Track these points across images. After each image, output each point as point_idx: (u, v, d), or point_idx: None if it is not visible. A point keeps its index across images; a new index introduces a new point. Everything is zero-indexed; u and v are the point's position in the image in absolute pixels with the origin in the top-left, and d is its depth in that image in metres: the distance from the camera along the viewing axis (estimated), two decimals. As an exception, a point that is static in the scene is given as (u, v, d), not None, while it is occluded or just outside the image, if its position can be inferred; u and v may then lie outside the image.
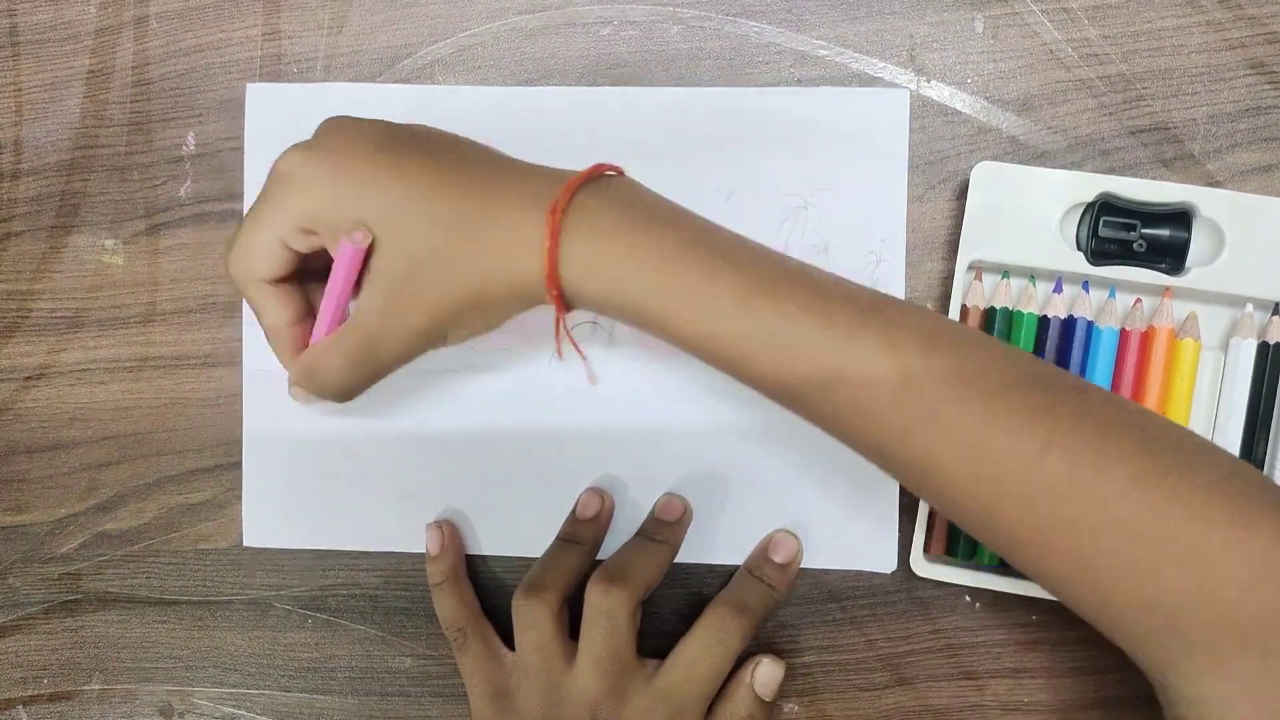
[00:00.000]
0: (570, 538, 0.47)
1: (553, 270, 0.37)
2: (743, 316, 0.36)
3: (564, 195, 0.37)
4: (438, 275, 0.38)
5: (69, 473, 0.51)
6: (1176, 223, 0.44)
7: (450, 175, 0.39)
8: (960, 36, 0.47)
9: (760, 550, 0.48)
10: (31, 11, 0.50)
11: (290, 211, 0.39)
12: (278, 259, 0.40)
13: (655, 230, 0.37)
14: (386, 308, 0.39)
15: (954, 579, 0.46)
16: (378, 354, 0.40)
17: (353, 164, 0.39)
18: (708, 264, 0.36)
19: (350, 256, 0.38)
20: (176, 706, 0.51)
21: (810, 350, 0.35)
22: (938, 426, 0.35)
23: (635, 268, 0.37)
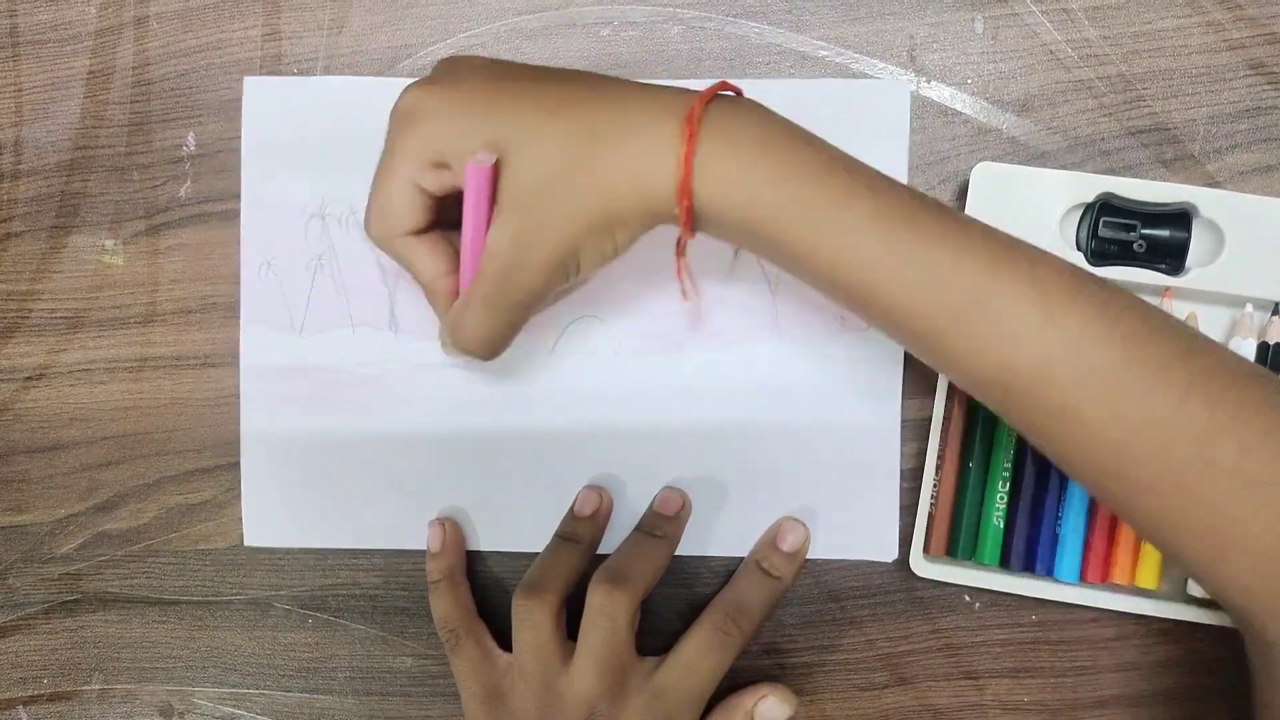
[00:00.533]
0: (569, 536, 0.47)
1: (686, 180, 0.36)
2: (878, 241, 0.35)
3: (699, 103, 0.36)
4: (568, 193, 0.37)
5: (69, 473, 0.51)
6: (1176, 223, 0.44)
7: (574, 92, 0.38)
8: (960, 37, 0.47)
9: (768, 539, 0.48)
10: (31, 11, 0.50)
11: (416, 148, 0.38)
12: (415, 205, 0.40)
13: (794, 147, 0.36)
14: (518, 237, 0.38)
15: (954, 579, 0.46)
16: (514, 291, 0.39)
17: (473, 91, 0.38)
18: (846, 184, 0.35)
19: (478, 180, 0.37)
20: (176, 706, 0.51)
21: (949, 278, 0.34)
22: (1082, 365, 0.34)
23: (771, 182, 0.35)
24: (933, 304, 0.35)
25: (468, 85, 0.39)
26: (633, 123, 0.37)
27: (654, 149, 0.36)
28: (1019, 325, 0.34)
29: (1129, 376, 0.34)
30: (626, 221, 0.38)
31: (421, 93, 0.39)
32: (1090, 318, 0.34)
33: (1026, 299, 0.34)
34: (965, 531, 0.46)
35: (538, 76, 0.39)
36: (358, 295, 0.49)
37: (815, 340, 0.48)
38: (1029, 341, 0.34)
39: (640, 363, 0.48)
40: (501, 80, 0.39)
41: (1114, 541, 0.45)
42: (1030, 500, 0.45)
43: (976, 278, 0.34)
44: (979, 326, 0.35)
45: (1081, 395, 0.34)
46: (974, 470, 0.46)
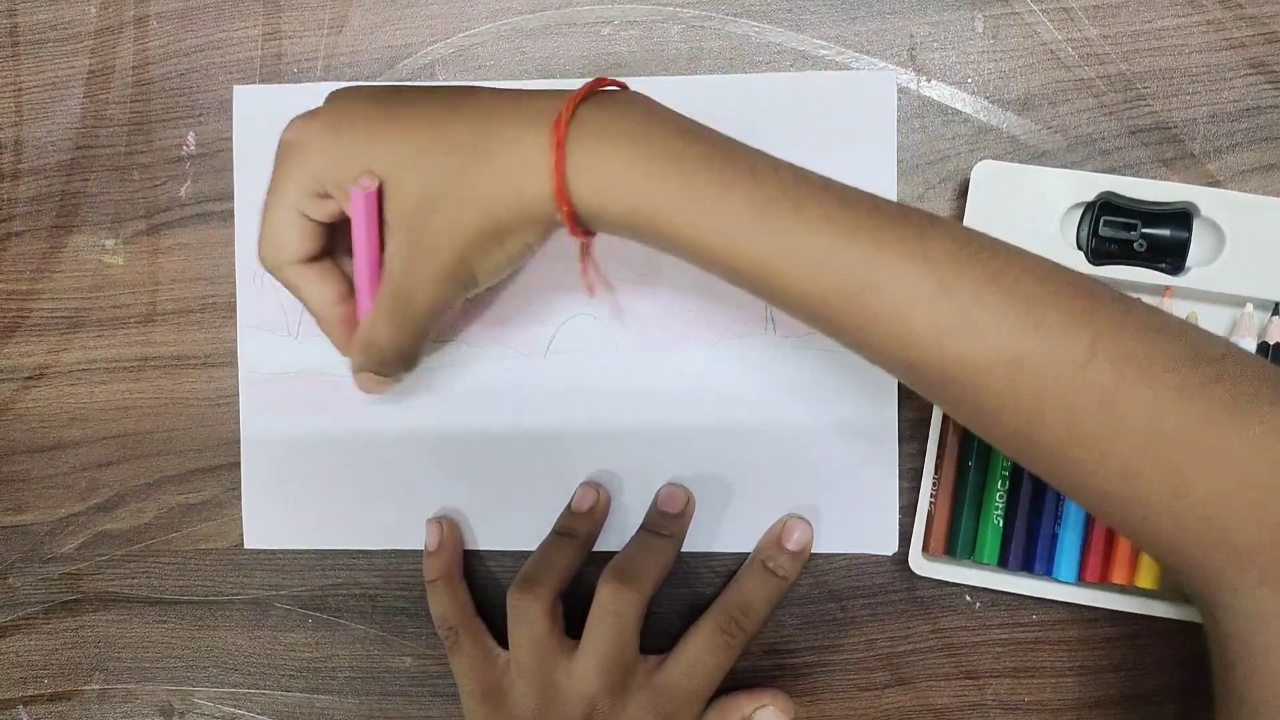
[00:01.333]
0: (565, 531, 0.47)
1: (560, 185, 0.36)
2: (764, 228, 0.35)
3: (567, 108, 0.36)
4: (448, 211, 0.37)
5: (69, 473, 0.51)
6: (1177, 222, 0.44)
7: (447, 112, 0.38)
8: (960, 36, 0.47)
9: (772, 537, 0.48)
10: (31, 11, 0.50)
11: (299, 178, 0.39)
12: (303, 234, 0.40)
13: (667, 139, 0.36)
14: (408, 257, 0.38)
15: (952, 577, 0.46)
16: (413, 305, 0.39)
17: (351, 120, 0.39)
18: (725, 173, 0.35)
19: (363, 206, 0.38)
20: (176, 706, 0.51)
21: (836, 261, 0.34)
22: (975, 336, 0.33)
23: (648, 178, 0.35)
24: (824, 286, 0.34)
25: (345, 115, 0.39)
26: (503, 136, 0.37)
27: (525, 160, 0.36)
28: (910, 298, 0.34)
29: (1027, 342, 0.33)
30: (512, 230, 0.38)
31: (302, 125, 0.40)
32: (982, 284, 0.33)
33: (916, 273, 0.33)
34: (964, 530, 0.46)
35: (413, 99, 0.39)
36: (353, 299, 0.49)
37: (810, 333, 0.48)
38: (921, 316, 0.34)
39: (637, 361, 0.48)
40: (377, 106, 0.39)
41: (1113, 542, 0.45)
42: (1029, 500, 0.45)
43: (864, 257, 0.34)
44: (871, 305, 0.34)
45: (979, 364, 0.33)
46: (973, 469, 0.45)
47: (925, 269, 0.33)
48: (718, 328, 0.48)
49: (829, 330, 0.36)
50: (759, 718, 0.45)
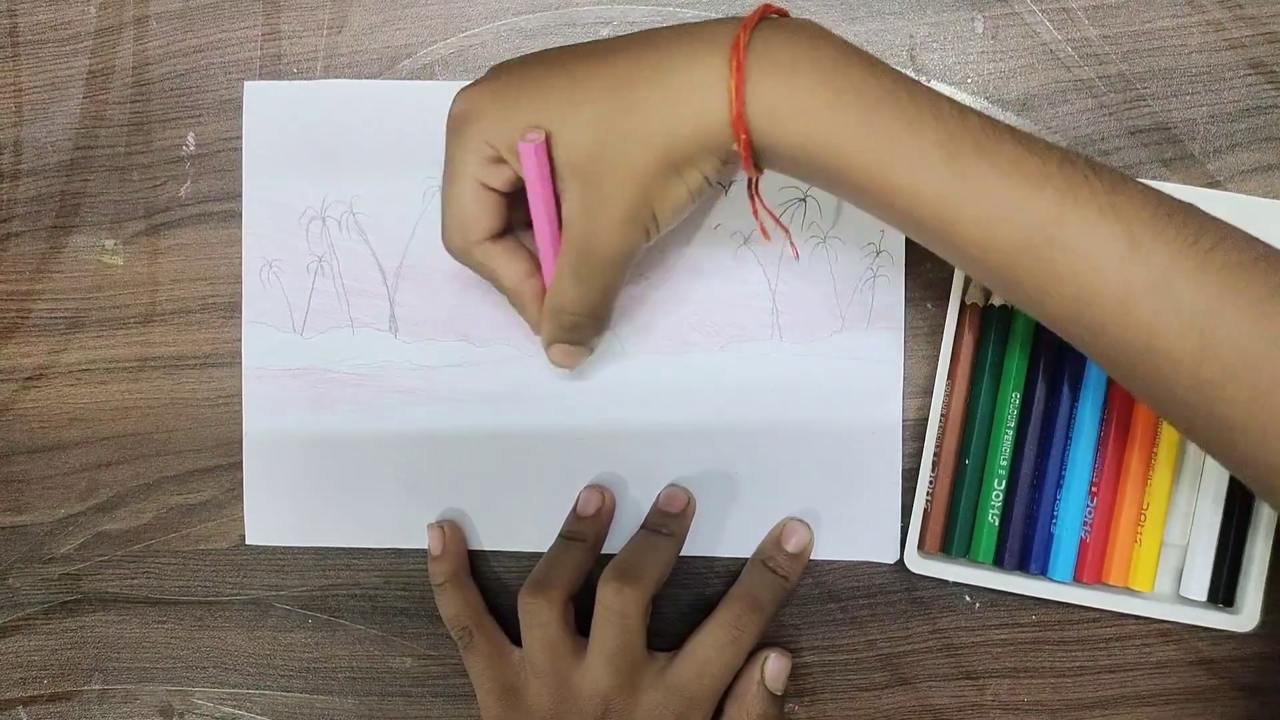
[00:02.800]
0: (573, 535, 0.47)
1: (739, 112, 0.34)
2: (949, 171, 0.33)
3: (744, 29, 0.35)
4: (623, 148, 0.36)
5: (69, 473, 0.51)
6: None
7: (609, 50, 0.37)
8: (960, 36, 0.47)
9: (772, 539, 0.48)
10: (31, 11, 0.50)
11: (474, 147, 0.39)
12: (486, 206, 0.40)
13: (852, 71, 0.34)
14: (586, 205, 0.37)
15: (949, 575, 0.46)
16: (597, 257, 0.38)
17: (514, 79, 0.38)
18: (910, 110, 0.34)
19: (532, 159, 0.37)
20: (176, 706, 0.51)
21: (1023, 209, 0.33)
22: (1168, 299, 0.32)
23: (831, 110, 0.34)
24: (1006, 237, 0.33)
25: (508, 75, 0.39)
26: (674, 61, 0.36)
27: (704, 84, 0.35)
28: (1098, 258, 0.32)
29: (1222, 314, 0.31)
30: (690, 161, 0.37)
31: (469, 93, 0.39)
32: (1179, 249, 0.32)
33: (1107, 230, 0.32)
34: (960, 528, 0.46)
35: (577, 50, 0.39)
36: (358, 297, 0.49)
37: (816, 340, 0.48)
38: (1110, 275, 0.32)
39: (641, 363, 0.48)
40: (539, 64, 0.39)
41: (1109, 543, 0.45)
42: (1026, 499, 0.45)
43: (1052, 209, 0.32)
44: (1056, 260, 0.33)
45: (1169, 332, 0.32)
46: (970, 467, 0.46)
47: (1117, 227, 0.32)
48: (723, 332, 0.48)
49: (1004, 286, 0.35)
50: (769, 669, 0.45)
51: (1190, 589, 0.45)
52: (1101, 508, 0.45)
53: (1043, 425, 0.45)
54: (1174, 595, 0.46)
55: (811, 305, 0.48)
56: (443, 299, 0.49)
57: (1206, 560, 0.45)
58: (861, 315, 0.48)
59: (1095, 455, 0.45)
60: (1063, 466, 0.45)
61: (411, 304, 0.49)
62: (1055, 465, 0.45)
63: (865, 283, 0.47)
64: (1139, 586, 0.45)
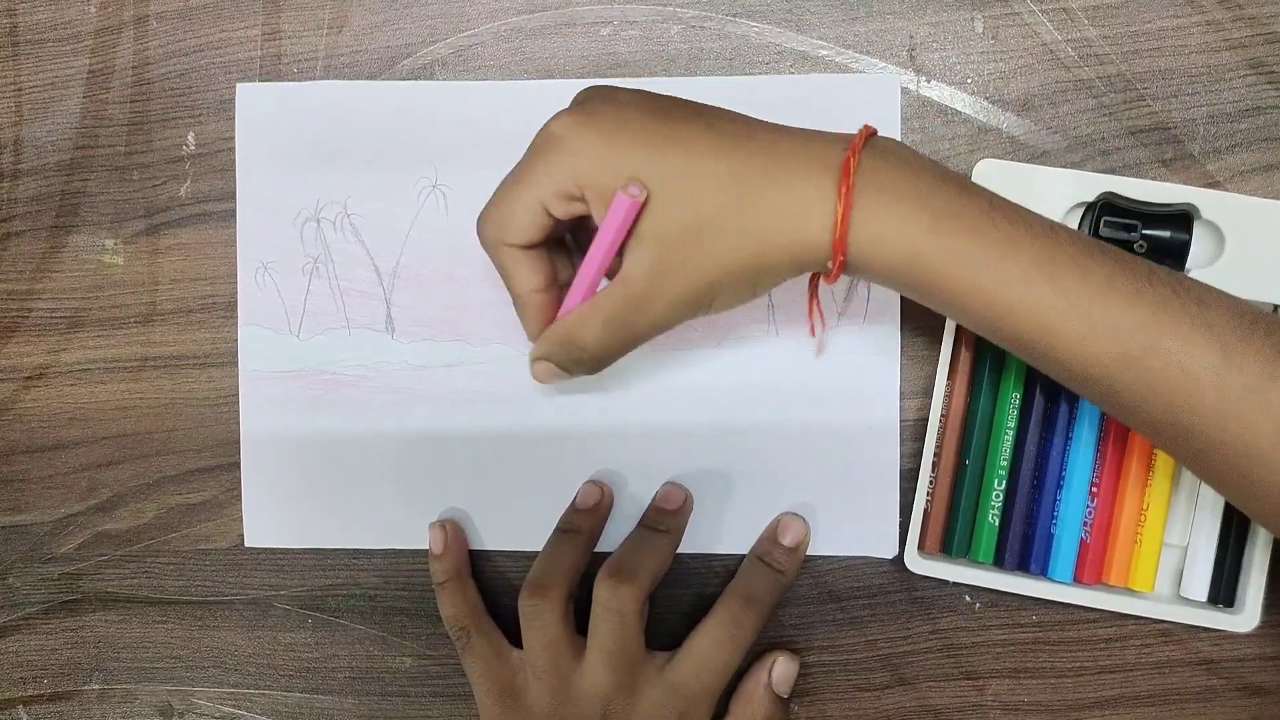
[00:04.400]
0: (569, 527, 0.47)
1: (843, 236, 0.35)
2: (1047, 287, 0.34)
3: (853, 154, 0.36)
4: (714, 239, 0.37)
5: (69, 473, 0.51)
6: (1177, 224, 0.44)
7: (728, 139, 0.38)
8: (960, 36, 0.47)
9: (769, 534, 0.48)
10: (31, 11, 0.50)
11: (559, 175, 0.38)
12: (535, 223, 0.40)
13: (948, 194, 0.36)
14: (655, 271, 0.38)
15: (949, 575, 0.46)
16: (640, 318, 0.39)
17: (625, 128, 0.38)
18: (1007, 231, 0.35)
19: (625, 212, 0.37)
20: (176, 706, 0.51)
21: (1119, 325, 0.34)
22: (1261, 404, 0.33)
23: (930, 234, 0.35)
24: (1103, 350, 0.35)
25: (620, 123, 0.38)
26: (788, 174, 0.36)
27: (809, 204, 0.36)
28: (1194, 368, 0.34)
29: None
30: (774, 270, 0.38)
31: (574, 122, 0.38)
32: (1268, 357, 0.34)
33: (1201, 341, 0.34)
34: (960, 528, 0.46)
35: (691, 115, 0.39)
36: (354, 298, 0.49)
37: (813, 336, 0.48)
38: (1205, 383, 0.34)
39: (639, 361, 0.48)
40: (654, 119, 0.38)
41: (1109, 544, 0.45)
42: (1026, 499, 0.45)
43: (1148, 322, 0.34)
44: (1153, 369, 0.34)
45: (1262, 432, 0.34)
46: (970, 467, 0.45)
47: (1209, 337, 0.34)
48: (721, 329, 0.48)
49: (1102, 395, 0.36)
50: (776, 672, 0.46)
51: (1190, 589, 0.45)
52: (1101, 508, 0.45)
53: (1043, 426, 0.45)
54: (1174, 596, 0.46)
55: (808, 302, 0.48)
56: (439, 299, 0.49)
57: (1207, 561, 0.45)
58: (858, 311, 0.48)
59: (1095, 456, 0.45)
60: (1063, 467, 0.45)
61: (408, 304, 0.49)
62: (1055, 466, 0.45)
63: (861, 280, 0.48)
64: (1139, 587, 0.45)
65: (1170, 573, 0.46)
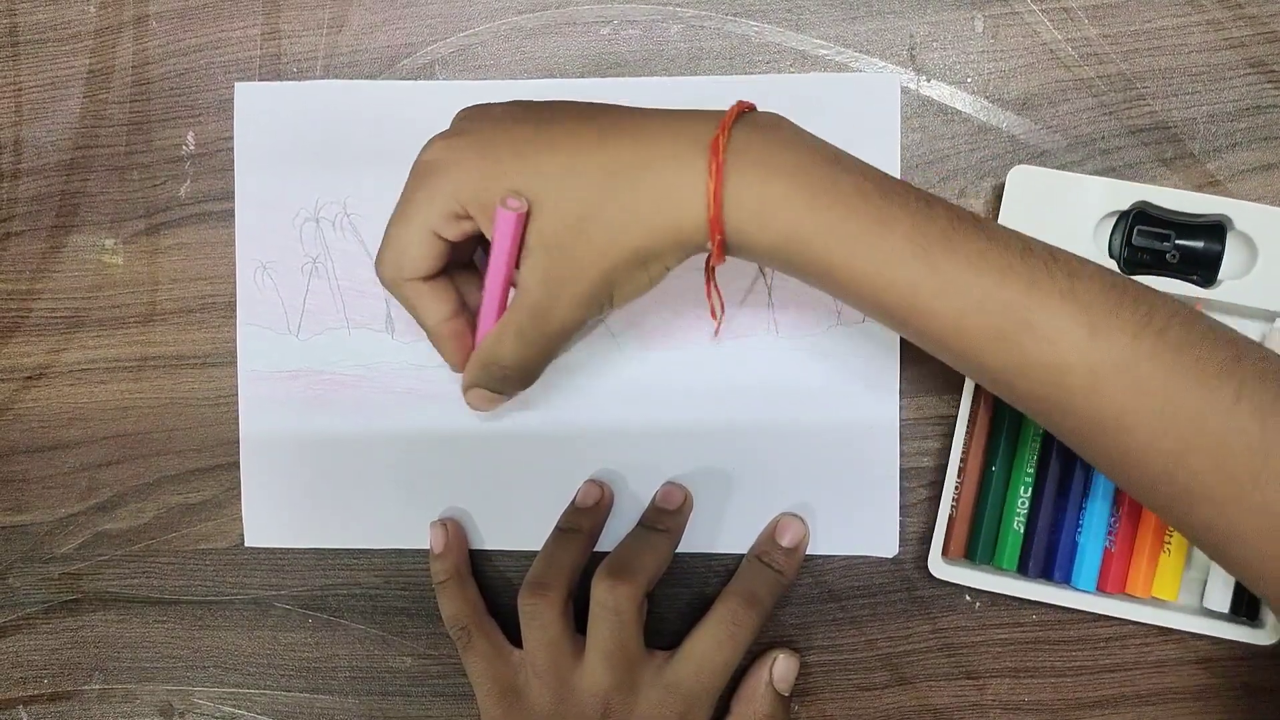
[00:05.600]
0: (569, 527, 0.47)
1: (717, 214, 0.35)
2: (920, 265, 0.34)
3: (722, 131, 0.35)
4: (597, 233, 0.37)
5: (69, 473, 0.51)
6: (1211, 235, 0.44)
7: (597, 132, 0.38)
8: (960, 36, 0.47)
9: (767, 535, 0.48)
10: (31, 11, 0.50)
11: (441, 199, 0.39)
12: (430, 253, 0.40)
13: (823, 169, 0.35)
14: (549, 277, 0.38)
15: (971, 582, 0.46)
16: (547, 325, 0.39)
17: (497, 140, 0.38)
18: (883, 208, 0.35)
19: (509, 226, 0.37)
20: (176, 706, 0.51)
21: (991, 300, 0.34)
22: (1129, 379, 0.33)
23: (808, 210, 0.35)
24: (976, 325, 0.35)
25: (491, 135, 0.39)
26: (658, 157, 0.36)
27: (683, 184, 0.36)
28: (1064, 343, 0.34)
29: (1179, 387, 0.33)
30: (659, 256, 0.38)
31: (446, 144, 0.39)
32: (1135, 331, 0.34)
33: (1070, 315, 0.34)
34: (985, 535, 0.45)
35: (559, 115, 0.39)
36: (353, 297, 0.49)
37: (812, 335, 0.48)
38: (1075, 358, 0.34)
39: (639, 360, 0.48)
40: (521, 126, 0.39)
41: (1132, 553, 0.45)
42: (1052, 507, 0.45)
43: (1018, 298, 0.34)
44: (1024, 345, 0.34)
45: (1131, 408, 0.34)
46: (997, 473, 0.45)
47: (1078, 312, 0.34)
48: (720, 329, 0.48)
49: (976, 370, 0.36)
50: (777, 669, 0.46)
51: (1213, 600, 0.45)
52: (1127, 518, 0.45)
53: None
54: (1195, 607, 0.45)
55: (807, 300, 0.48)
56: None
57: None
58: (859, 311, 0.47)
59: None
60: (1089, 476, 0.45)
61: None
62: (1081, 474, 0.45)
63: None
64: (1164, 595, 0.45)
65: (1192, 585, 0.46)
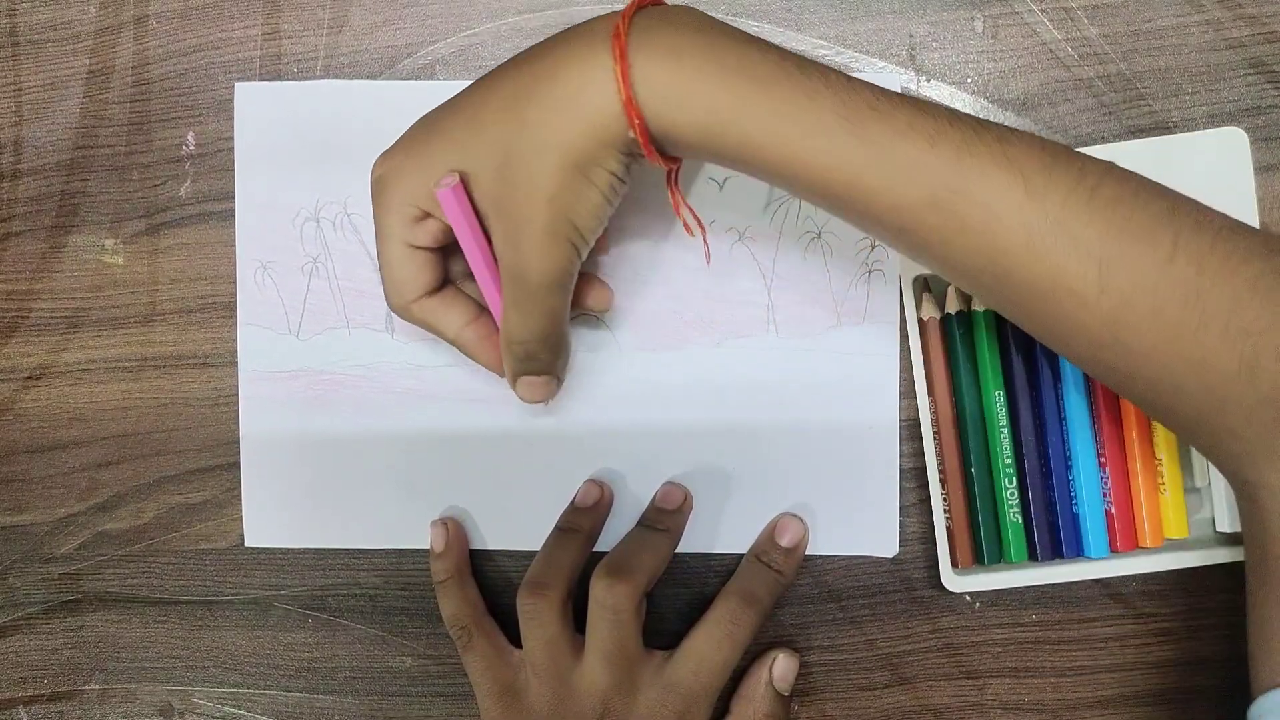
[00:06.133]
0: (569, 527, 0.47)
1: (629, 96, 0.34)
2: (849, 137, 0.34)
3: (623, 19, 0.35)
4: (524, 165, 0.36)
5: (69, 473, 0.51)
6: None
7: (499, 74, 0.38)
8: (960, 36, 0.47)
9: (767, 535, 0.48)
10: (31, 11, 0.50)
11: (396, 208, 0.39)
12: (419, 265, 0.40)
13: (738, 49, 0.35)
14: (506, 232, 0.38)
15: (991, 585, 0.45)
16: (531, 283, 0.38)
17: (422, 134, 0.39)
18: (803, 82, 0.34)
19: (454, 205, 0.37)
20: (176, 706, 0.51)
21: (924, 167, 0.34)
22: (1066, 237, 0.33)
23: (724, 89, 0.34)
24: (911, 194, 0.34)
25: (416, 134, 0.40)
26: (557, 67, 0.36)
27: (589, 79, 0.35)
28: (999, 205, 0.33)
29: (1115, 244, 0.33)
30: (594, 161, 0.37)
31: (384, 158, 0.40)
32: (1069, 189, 0.33)
33: (1003, 178, 0.33)
34: (986, 536, 0.45)
35: (469, 90, 0.39)
36: (353, 297, 0.49)
37: (812, 335, 0.48)
38: (1011, 220, 0.33)
39: (639, 360, 0.48)
40: (440, 113, 0.39)
41: (1132, 506, 0.45)
42: (1041, 489, 0.45)
43: (951, 163, 0.34)
44: (959, 211, 0.34)
45: (1069, 268, 0.34)
46: (977, 475, 0.45)
47: (1012, 174, 0.33)
48: (719, 328, 0.48)
49: (913, 245, 0.36)
50: (777, 669, 0.46)
51: (1224, 523, 0.44)
52: (1116, 475, 0.45)
53: (1034, 414, 0.45)
54: (1212, 537, 0.45)
55: (807, 301, 0.48)
56: (441, 299, 0.49)
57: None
58: (857, 309, 0.48)
59: (1093, 426, 0.45)
60: (1066, 447, 0.45)
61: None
62: (1058, 448, 0.45)
63: (860, 277, 0.47)
64: (1175, 533, 0.45)
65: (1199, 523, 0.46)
